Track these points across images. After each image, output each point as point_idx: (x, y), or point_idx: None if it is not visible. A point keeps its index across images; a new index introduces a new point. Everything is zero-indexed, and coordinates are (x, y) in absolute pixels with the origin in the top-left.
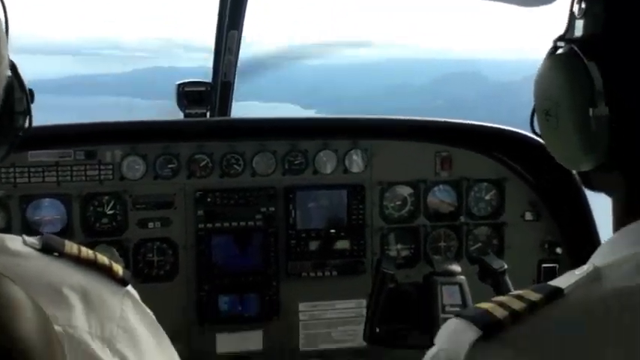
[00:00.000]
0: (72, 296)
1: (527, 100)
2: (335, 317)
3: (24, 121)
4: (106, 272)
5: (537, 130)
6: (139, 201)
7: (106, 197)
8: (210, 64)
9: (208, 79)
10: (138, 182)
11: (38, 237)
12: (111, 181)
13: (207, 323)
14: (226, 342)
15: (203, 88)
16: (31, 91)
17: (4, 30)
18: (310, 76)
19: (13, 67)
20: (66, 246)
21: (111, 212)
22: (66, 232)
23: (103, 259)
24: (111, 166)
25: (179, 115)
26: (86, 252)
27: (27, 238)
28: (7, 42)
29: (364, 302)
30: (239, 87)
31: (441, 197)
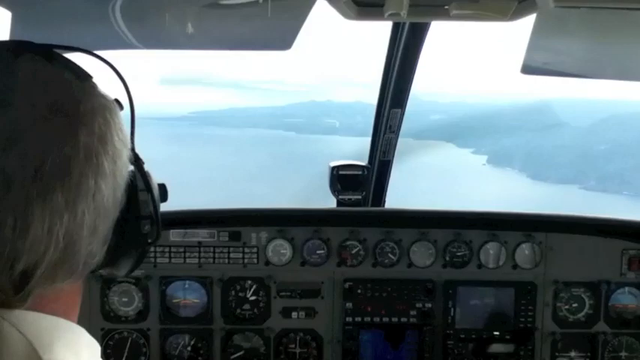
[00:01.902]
0: None
1: None
2: None
3: (152, 228)
4: None
5: None
6: (283, 288)
7: (249, 282)
8: (366, 99)
9: (365, 114)
10: (283, 268)
11: None
12: (255, 265)
13: None
14: None
15: (359, 172)
16: (162, 187)
17: (118, 120)
18: (466, 116)
19: (137, 162)
20: None
21: (253, 298)
22: (205, 317)
23: None
24: (256, 249)
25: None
26: None
27: None
28: (133, 132)
29: None
30: None
31: (626, 301)
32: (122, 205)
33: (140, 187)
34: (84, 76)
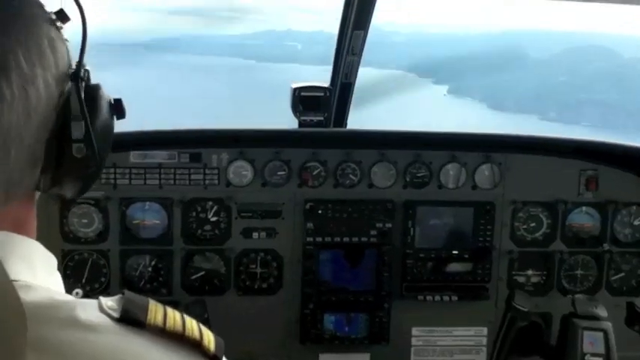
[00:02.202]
0: None
1: None
2: (451, 345)
3: (92, 153)
4: (196, 347)
5: None
6: (244, 209)
7: (210, 203)
8: (328, 28)
9: (326, 44)
10: (244, 189)
11: (118, 298)
12: (216, 186)
13: (309, 342)
14: None
15: (321, 94)
16: (116, 103)
17: (38, 37)
18: (426, 46)
19: (74, 79)
20: (149, 312)
21: (214, 219)
22: (165, 238)
23: (192, 328)
24: (216, 171)
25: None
26: (173, 321)
27: (105, 301)
28: (83, 49)
29: (485, 330)
30: None
31: (582, 221)
32: (52, 125)
33: (74, 107)
34: None
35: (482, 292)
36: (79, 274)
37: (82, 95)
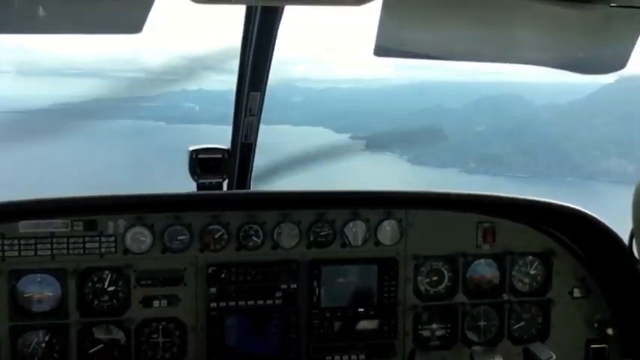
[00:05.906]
0: None
1: (578, 123)
2: None
3: None
4: None
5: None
6: (143, 276)
7: (107, 272)
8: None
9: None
10: (143, 256)
11: None
12: (113, 254)
13: None
14: None
15: (219, 156)
16: None
17: None
18: (342, 100)
19: None
20: None
21: (111, 289)
22: (60, 311)
23: None
24: (113, 238)
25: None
26: None
27: None
28: None
29: None
30: (271, 111)
31: (482, 272)
32: None
33: None
34: None
35: (389, 349)
36: None
37: None
